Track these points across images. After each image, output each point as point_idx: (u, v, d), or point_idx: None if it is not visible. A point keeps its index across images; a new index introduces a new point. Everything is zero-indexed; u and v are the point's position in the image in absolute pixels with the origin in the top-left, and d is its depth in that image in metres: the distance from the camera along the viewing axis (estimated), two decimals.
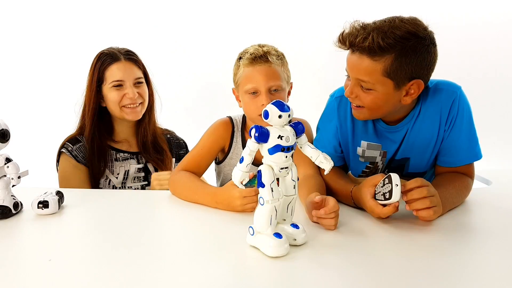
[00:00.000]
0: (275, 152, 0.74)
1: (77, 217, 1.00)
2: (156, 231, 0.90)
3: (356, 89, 0.99)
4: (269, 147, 0.74)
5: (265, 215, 0.74)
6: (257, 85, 1.13)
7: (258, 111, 1.13)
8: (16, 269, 0.72)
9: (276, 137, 0.73)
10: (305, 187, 1.08)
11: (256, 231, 0.77)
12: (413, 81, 0.95)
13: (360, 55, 0.94)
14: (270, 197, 0.73)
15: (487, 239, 0.85)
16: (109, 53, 1.39)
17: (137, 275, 0.70)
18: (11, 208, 0.98)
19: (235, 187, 1.03)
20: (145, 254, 0.78)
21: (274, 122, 0.74)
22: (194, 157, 1.23)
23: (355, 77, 0.98)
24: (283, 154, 0.74)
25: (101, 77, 1.38)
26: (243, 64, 1.15)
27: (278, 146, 0.74)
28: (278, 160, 0.75)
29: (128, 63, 1.39)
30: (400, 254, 0.76)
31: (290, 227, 0.80)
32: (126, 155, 1.45)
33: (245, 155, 0.75)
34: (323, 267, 0.72)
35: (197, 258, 0.76)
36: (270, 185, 0.73)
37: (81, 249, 0.81)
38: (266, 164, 0.75)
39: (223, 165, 1.30)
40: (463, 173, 1.08)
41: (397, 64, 0.92)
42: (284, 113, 0.73)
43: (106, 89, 1.38)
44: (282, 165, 0.75)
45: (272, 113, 0.73)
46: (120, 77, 1.36)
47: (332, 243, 0.82)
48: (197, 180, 1.16)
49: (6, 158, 0.98)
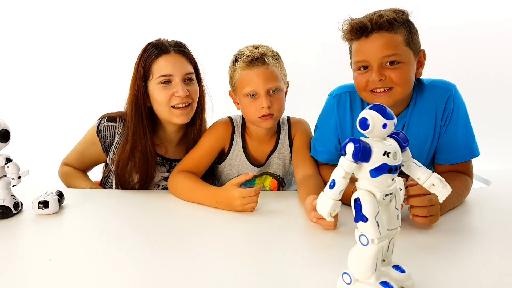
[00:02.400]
0: (379, 174, 0.57)
1: (77, 217, 1.00)
2: (156, 231, 0.90)
3: (383, 70, 0.98)
4: (372, 167, 0.57)
5: (370, 259, 0.57)
6: (255, 87, 1.12)
7: (258, 113, 1.13)
8: (16, 269, 0.72)
9: (381, 154, 0.56)
10: (305, 187, 1.09)
11: (354, 279, 0.59)
12: (420, 51, 1.03)
13: (379, 33, 0.97)
14: (377, 234, 0.56)
15: (487, 239, 0.85)
16: (157, 44, 1.21)
17: (137, 275, 0.70)
18: (11, 208, 0.98)
19: (235, 187, 1.03)
20: (145, 254, 0.78)
21: (376, 133, 0.57)
22: (193, 158, 1.23)
23: (380, 56, 0.97)
24: (390, 176, 0.57)
25: (147, 72, 1.19)
26: (240, 67, 1.14)
27: (385, 166, 0.56)
28: (382, 184, 0.57)
29: (178, 56, 1.21)
30: (400, 254, 0.76)
31: (393, 270, 0.63)
32: (159, 159, 1.30)
33: (337, 179, 0.58)
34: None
35: (197, 258, 0.76)
36: (375, 219, 0.56)
37: (81, 249, 0.81)
38: (365, 189, 0.58)
39: (223, 165, 1.30)
40: (462, 171, 1.08)
41: (411, 34, 0.99)
42: (389, 121, 0.56)
43: (152, 86, 1.20)
44: (387, 190, 0.58)
45: (375, 121, 0.56)
46: (169, 71, 1.18)
47: (331, 242, 0.82)
48: (197, 180, 1.16)
49: (6, 158, 0.98)
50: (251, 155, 1.27)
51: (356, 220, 0.57)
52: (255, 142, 1.27)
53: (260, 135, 1.26)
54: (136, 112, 1.21)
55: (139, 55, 1.22)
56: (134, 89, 1.20)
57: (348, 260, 0.60)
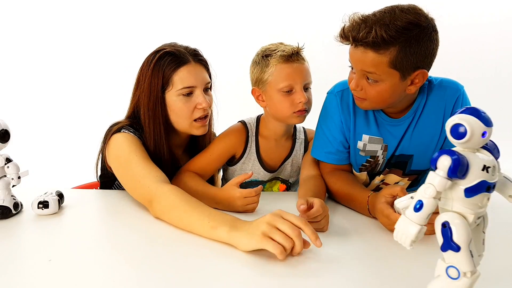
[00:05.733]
0: (476, 194, 0.47)
1: (77, 217, 1.00)
2: (157, 231, 0.90)
3: (362, 82, 0.98)
4: (469, 185, 0.47)
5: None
6: (293, 82, 1.11)
7: (293, 108, 1.12)
8: (16, 269, 0.72)
9: (480, 169, 0.47)
10: (304, 187, 1.09)
11: None
12: (418, 71, 0.95)
13: (364, 49, 0.93)
14: (471, 266, 0.46)
15: (486, 239, 0.85)
16: (174, 53, 1.12)
17: (137, 275, 0.70)
18: (11, 208, 0.97)
19: (235, 187, 1.03)
20: (145, 254, 0.78)
21: (472, 143, 0.47)
22: (201, 162, 1.20)
23: (360, 69, 0.97)
24: (486, 195, 0.48)
25: (166, 82, 1.12)
26: (276, 62, 1.11)
27: (483, 183, 0.47)
28: (476, 205, 0.48)
29: (198, 65, 1.15)
30: (400, 254, 0.76)
31: None
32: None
33: (426, 200, 0.48)
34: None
35: (197, 258, 0.76)
36: (469, 247, 0.46)
37: (81, 249, 0.81)
38: (455, 212, 0.48)
39: (234, 168, 1.28)
40: None
41: (402, 55, 0.91)
42: (489, 128, 0.47)
43: (171, 98, 1.12)
44: (480, 213, 0.49)
45: (474, 129, 0.46)
46: (192, 82, 1.11)
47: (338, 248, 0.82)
48: (199, 180, 1.15)
49: (6, 158, 0.98)
50: (264, 161, 1.26)
51: (443, 249, 0.47)
52: (271, 143, 1.25)
53: (278, 134, 1.24)
54: (155, 124, 1.13)
55: (151, 62, 1.12)
56: (151, 100, 1.12)
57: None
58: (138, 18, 2.56)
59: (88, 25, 2.64)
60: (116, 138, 1.09)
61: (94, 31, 2.64)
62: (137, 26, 2.53)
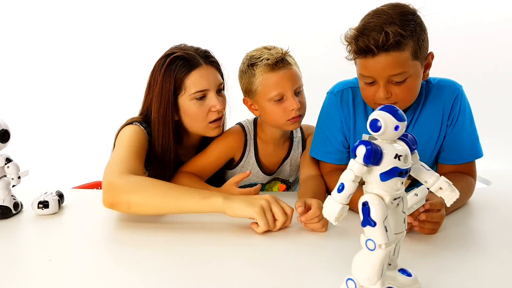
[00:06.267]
0: (390, 178, 0.55)
1: (77, 217, 1.00)
2: (157, 231, 0.90)
3: (390, 87, 0.96)
4: (383, 171, 0.55)
5: (376, 265, 0.55)
6: (282, 90, 1.08)
7: (287, 116, 1.10)
8: (16, 269, 0.72)
9: (392, 157, 0.54)
10: (304, 188, 1.09)
11: (359, 285, 0.57)
12: (428, 54, 0.99)
13: (386, 53, 0.92)
14: (385, 239, 0.54)
15: (487, 239, 0.85)
16: (185, 56, 1.10)
17: (137, 275, 0.70)
18: (11, 208, 0.98)
19: (233, 187, 1.02)
20: (145, 254, 0.78)
21: (387, 135, 0.55)
22: (199, 164, 1.19)
23: (387, 75, 0.95)
24: (399, 180, 0.56)
25: (178, 87, 1.10)
26: (261, 72, 1.08)
27: (395, 169, 0.55)
28: (392, 188, 0.56)
29: (210, 67, 1.14)
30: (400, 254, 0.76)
31: (399, 274, 0.62)
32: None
33: (346, 182, 0.56)
34: None
35: (197, 258, 0.76)
36: (384, 223, 0.54)
37: (81, 249, 0.81)
38: (374, 193, 0.56)
39: (233, 172, 1.27)
40: (465, 172, 1.08)
41: (419, 43, 0.94)
42: (401, 123, 0.55)
43: (184, 102, 1.12)
44: (396, 194, 0.56)
45: (387, 123, 0.54)
46: (205, 86, 1.11)
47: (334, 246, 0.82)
48: (197, 180, 1.15)
49: (6, 158, 0.98)
50: (263, 164, 1.25)
51: (363, 225, 0.55)
52: (270, 146, 1.24)
53: (276, 137, 1.22)
54: (164, 129, 1.13)
55: (162, 67, 1.11)
56: (162, 106, 1.11)
57: (353, 265, 0.57)
58: (141, 18, 2.56)
59: (88, 25, 2.64)
60: (127, 128, 1.11)
61: (94, 31, 2.64)
62: (139, 26, 2.53)
